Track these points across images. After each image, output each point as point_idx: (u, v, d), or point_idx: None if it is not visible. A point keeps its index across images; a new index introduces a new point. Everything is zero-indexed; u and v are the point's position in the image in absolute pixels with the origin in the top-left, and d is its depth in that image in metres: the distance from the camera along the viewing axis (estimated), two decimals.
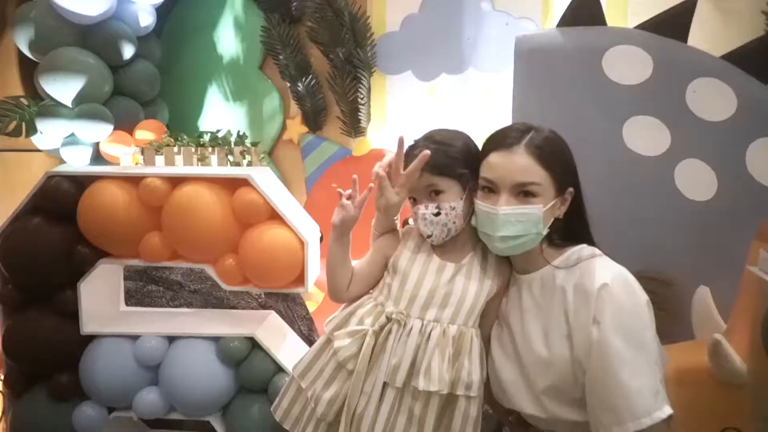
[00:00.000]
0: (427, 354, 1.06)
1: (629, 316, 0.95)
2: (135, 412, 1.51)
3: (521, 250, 1.06)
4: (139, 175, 1.47)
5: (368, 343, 1.09)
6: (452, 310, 1.09)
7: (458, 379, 1.07)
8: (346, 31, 2.32)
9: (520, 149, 1.02)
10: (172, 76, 2.60)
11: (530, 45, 1.91)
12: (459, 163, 1.09)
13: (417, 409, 1.07)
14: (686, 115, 1.79)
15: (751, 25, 1.95)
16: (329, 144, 2.50)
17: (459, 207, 1.09)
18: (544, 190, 1.02)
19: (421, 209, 1.09)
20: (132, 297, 1.81)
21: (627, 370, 0.92)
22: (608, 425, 0.93)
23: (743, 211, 1.74)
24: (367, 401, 1.08)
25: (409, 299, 1.11)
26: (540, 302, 1.06)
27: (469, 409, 1.08)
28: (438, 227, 1.09)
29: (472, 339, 1.10)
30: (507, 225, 1.01)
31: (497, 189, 1.04)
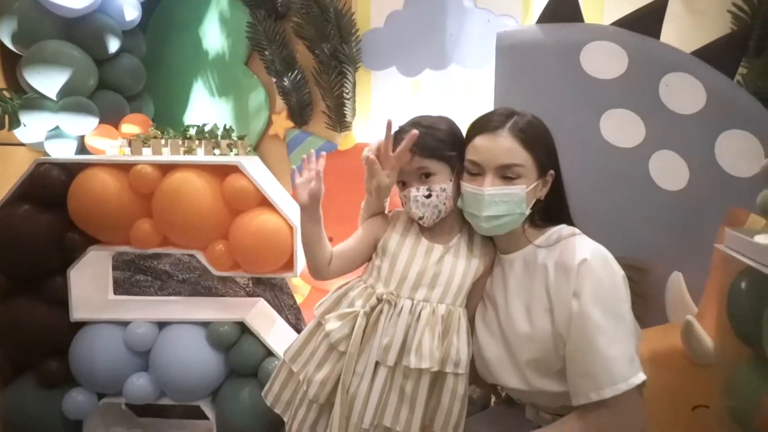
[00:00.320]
0: (417, 333, 1.09)
1: (607, 290, 1.01)
2: (125, 397, 1.52)
3: (505, 229, 1.10)
4: (129, 162, 1.48)
5: (360, 324, 1.11)
6: (441, 290, 1.13)
7: (447, 357, 1.11)
8: (331, 27, 2.35)
9: (504, 132, 1.07)
10: (158, 71, 2.61)
11: (511, 41, 1.96)
12: (447, 145, 1.13)
13: (408, 387, 1.10)
14: (659, 108, 1.86)
15: (718, 23, 2.05)
16: (315, 138, 2.53)
17: (449, 189, 1.13)
18: (527, 172, 1.07)
19: (413, 191, 1.12)
20: (120, 287, 1.81)
21: (605, 339, 0.98)
22: (587, 391, 0.98)
23: (713, 200, 1.81)
24: (359, 381, 1.11)
25: (399, 280, 1.14)
26: (522, 280, 1.11)
27: (456, 386, 1.12)
28: (429, 209, 1.12)
29: (459, 318, 1.14)
30: (492, 205, 1.06)
31: (483, 171, 1.08)
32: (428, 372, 1.10)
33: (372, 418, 1.10)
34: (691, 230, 1.85)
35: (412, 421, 1.10)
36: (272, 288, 1.95)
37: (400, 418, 1.10)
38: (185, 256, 1.86)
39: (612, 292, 1.02)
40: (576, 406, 1.01)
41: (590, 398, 0.98)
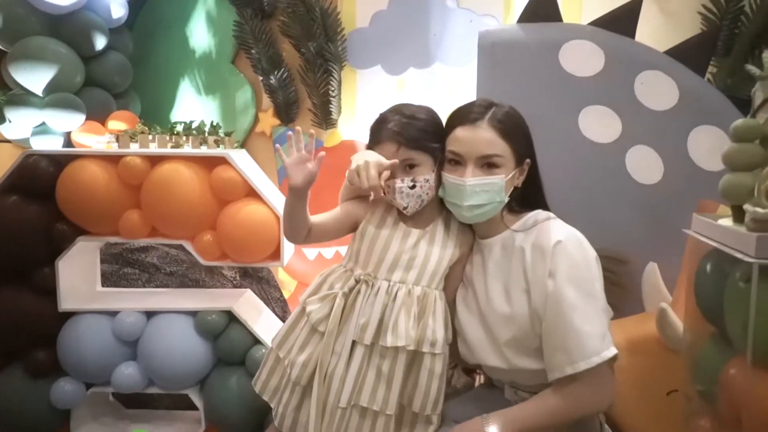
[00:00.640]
0: (393, 313, 1.13)
1: (580, 269, 1.06)
2: (114, 386, 1.54)
3: (486, 217, 1.15)
4: (118, 154, 1.50)
5: (338, 304, 1.15)
6: (416, 273, 1.16)
7: (423, 337, 1.14)
8: (317, 26, 2.40)
9: (484, 124, 1.11)
10: (145, 69, 2.63)
11: (493, 39, 2.02)
12: (430, 136, 1.16)
13: (385, 366, 1.13)
14: (635, 104, 1.92)
15: (689, 24, 2.13)
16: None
17: (431, 179, 1.16)
18: (505, 162, 1.11)
19: (398, 183, 1.14)
20: (108, 280, 1.83)
21: (578, 315, 1.03)
22: (562, 365, 1.03)
23: (686, 193, 1.87)
24: (337, 361, 1.14)
25: (377, 262, 1.17)
26: (501, 263, 1.15)
27: (434, 366, 1.14)
28: (413, 199, 1.15)
29: (435, 300, 1.17)
30: (473, 195, 1.10)
31: (464, 161, 1.12)
32: (405, 351, 1.12)
33: (349, 397, 1.12)
34: (665, 222, 1.91)
35: (389, 399, 1.13)
36: (259, 281, 1.98)
37: (377, 397, 1.13)
38: (173, 249, 1.88)
39: (585, 271, 1.07)
40: (552, 381, 1.06)
41: (565, 372, 1.02)
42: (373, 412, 1.13)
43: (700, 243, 1.22)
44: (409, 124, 1.14)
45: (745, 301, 0.94)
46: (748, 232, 0.94)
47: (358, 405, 1.13)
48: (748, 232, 0.93)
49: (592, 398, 1.05)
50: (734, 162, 1.04)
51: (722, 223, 1.08)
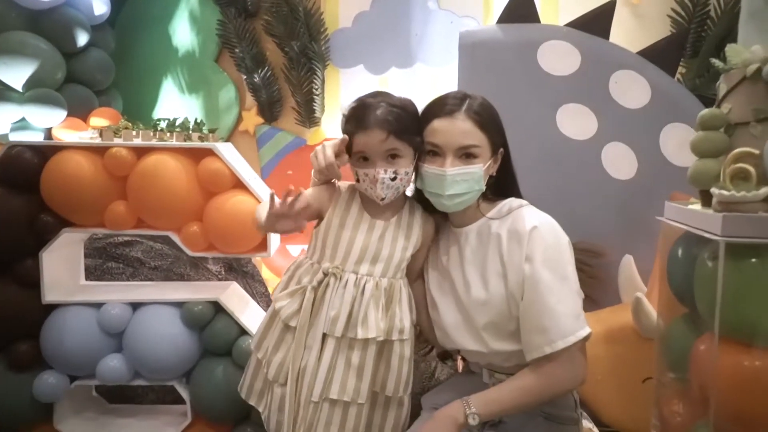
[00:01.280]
0: (363, 306, 1.14)
1: (554, 253, 1.11)
2: (99, 379, 1.53)
3: (465, 205, 1.17)
4: (104, 146, 1.51)
5: (308, 298, 1.15)
6: (383, 266, 1.18)
7: (392, 326, 1.16)
8: (300, 25, 2.43)
9: (461, 115, 1.12)
10: (127, 67, 2.62)
11: (473, 39, 2.07)
12: (415, 129, 1.15)
13: (355, 358, 1.14)
14: (610, 102, 1.99)
15: (659, 26, 2.22)
16: (284, 134, 2.59)
17: (410, 172, 1.16)
18: (482, 152, 1.14)
19: (381, 173, 1.12)
20: (91, 274, 1.81)
21: (554, 297, 1.07)
22: (540, 345, 1.07)
23: (658, 188, 1.93)
24: (309, 354, 1.14)
25: (344, 255, 1.17)
26: (477, 250, 1.18)
27: (403, 350, 1.18)
28: (391, 191, 1.14)
29: (400, 289, 1.20)
30: (454, 184, 1.12)
31: (442, 152, 1.14)
32: (375, 342, 1.14)
33: (321, 390, 1.13)
34: (639, 216, 1.97)
35: (360, 389, 1.14)
36: (244, 276, 1.99)
37: (347, 388, 1.14)
38: (157, 244, 1.88)
39: (558, 255, 1.11)
40: (529, 361, 1.10)
41: (544, 351, 1.06)
42: (344, 402, 1.14)
43: (672, 229, 1.28)
44: (399, 114, 1.12)
45: (713, 279, 1.00)
46: (713, 213, 1.00)
47: (328, 398, 1.14)
48: (715, 213, 0.99)
49: (567, 376, 1.09)
50: (701, 149, 1.10)
51: (691, 208, 1.14)
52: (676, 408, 1.28)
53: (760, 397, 0.96)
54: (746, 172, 0.99)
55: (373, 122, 1.10)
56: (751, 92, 1.03)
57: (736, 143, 1.05)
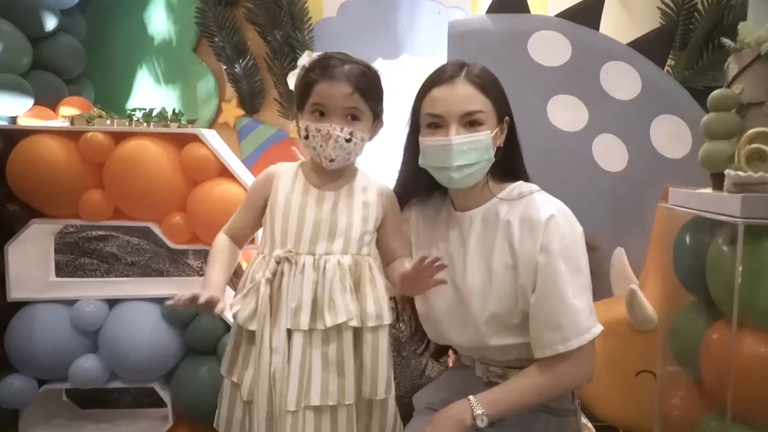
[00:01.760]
0: (326, 289, 1.00)
1: (571, 244, 1.04)
2: (71, 382, 1.42)
3: (475, 179, 1.08)
4: (79, 130, 1.40)
5: (263, 293, 1.00)
6: (343, 240, 1.04)
7: (365, 310, 1.02)
8: (284, 14, 2.35)
9: (461, 80, 1.05)
10: (99, 54, 2.49)
11: (462, 29, 2.03)
12: (379, 96, 1.07)
13: (331, 352, 1.00)
14: (601, 94, 1.98)
15: (649, 18, 2.22)
16: (266, 127, 2.50)
17: (366, 140, 1.07)
18: (488, 118, 1.05)
19: (336, 130, 1.01)
20: (62, 270, 1.70)
21: (571, 291, 1.01)
22: (553, 343, 1.00)
23: (649, 180, 1.93)
24: (276, 357, 0.98)
25: (295, 237, 1.03)
26: (483, 237, 1.10)
27: (377, 342, 1.03)
28: (343, 153, 1.03)
29: (370, 267, 1.06)
30: (461, 154, 1.03)
31: (445, 122, 1.05)
32: (349, 329, 1.01)
33: (297, 398, 0.98)
34: (630, 209, 1.96)
35: (345, 388, 1.00)
36: None
37: (330, 390, 1.00)
38: (134, 238, 1.78)
39: (574, 246, 1.05)
40: (538, 358, 1.03)
41: (557, 350, 0.99)
42: (330, 408, 1.01)
43: (676, 216, 1.26)
44: (368, 75, 1.04)
45: (729, 264, 0.97)
46: (731, 195, 0.97)
47: (310, 405, 0.99)
48: (733, 195, 0.96)
49: (578, 374, 1.04)
50: (713, 131, 1.08)
51: (702, 191, 1.12)
52: (684, 400, 1.25)
53: None
54: (762, 152, 0.97)
55: (340, 74, 1.01)
56: (765, 71, 1.01)
57: (749, 124, 1.03)
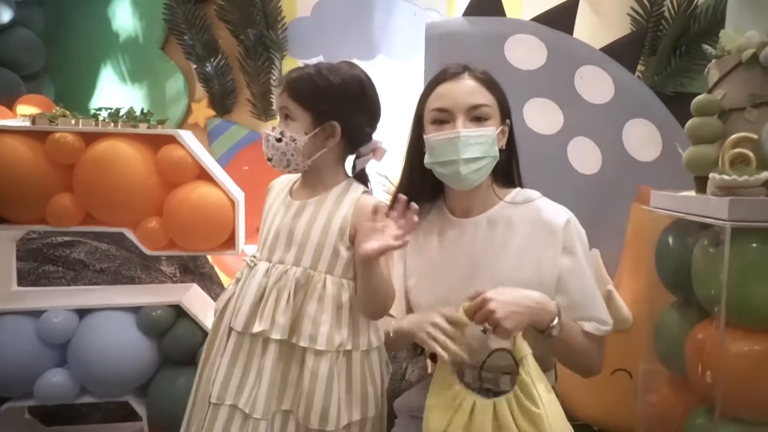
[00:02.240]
0: (269, 296, 0.99)
1: (587, 246, 1.13)
2: (37, 398, 1.33)
3: (480, 176, 1.06)
4: (47, 130, 1.32)
5: (230, 290, 1.06)
6: (296, 251, 1.01)
7: (299, 328, 0.98)
8: (257, 12, 2.30)
9: (466, 76, 1.07)
10: (59, 50, 2.39)
11: (440, 31, 2.03)
12: (323, 98, 1.02)
13: (255, 360, 0.99)
14: (575, 98, 2.01)
15: (620, 24, 2.28)
16: (238, 128, 2.44)
17: (300, 142, 1.02)
18: (493, 113, 1.07)
19: (268, 129, 1.05)
20: (24, 279, 1.60)
21: (596, 287, 1.12)
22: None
23: (622, 183, 1.98)
24: (216, 350, 1.03)
25: (262, 244, 1.06)
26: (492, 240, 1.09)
27: (317, 367, 0.97)
28: (277, 153, 1.03)
29: (324, 285, 1.00)
30: (468, 147, 1.03)
31: (452, 116, 1.05)
32: (275, 342, 0.98)
33: (218, 391, 0.99)
34: (604, 210, 1.99)
35: (257, 399, 0.97)
36: (201, 278, 1.83)
37: (243, 395, 0.98)
38: (103, 244, 1.69)
39: (587, 248, 1.13)
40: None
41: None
42: (243, 413, 0.98)
43: (657, 219, 1.28)
44: (309, 77, 1.02)
45: (715, 266, 0.99)
46: (717, 198, 0.99)
47: (226, 404, 0.98)
48: (720, 197, 0.98)
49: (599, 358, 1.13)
50: (697, 135, 1.10)
51: (686, 195, 1.14)
52: (665, 398, 1.28)
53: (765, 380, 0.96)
54: (746, 156, 0.99)
55: (284, 78, 1.06)
56: (746, 78, 1.03)
57: (731, 129, 1.05)
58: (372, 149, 1.09)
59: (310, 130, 1.03)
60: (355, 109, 1.05)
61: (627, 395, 1.60)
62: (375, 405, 1.05)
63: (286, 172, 1.08)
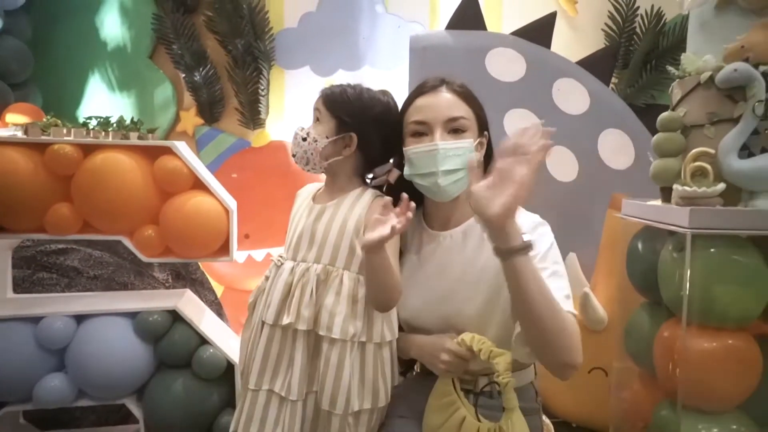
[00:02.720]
0: (294, 292, 1.09)
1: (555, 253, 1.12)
2: (36, 402, 1.36)
3: (459, 188, 1.08)
4: (43, 141, 1.36)
5: (260, 287, 1.17)
6: (317, 250, 1.11)
7: (319, 318, 1.08)
8: (245, 23, 2.34)
9: (444, 90, 1.10)
10: (47, 59, 2.40)
11: (424, 43, 2.11)
12: (348, 110, 1.12)
13: (287, 348, 1.09)
14: (553, 108, 2.10)
15: (595, 39, 2.39)
16: (226, 136, 2.48)
17: (321, 143, 1.11)
18: (470, 125, 1.09)
19: (298, 129, 1.15)
20: (18, 287, 1.61)
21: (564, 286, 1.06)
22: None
23: (597, 190, 2.08)
24: (251, 338, 1.14)
25: (288, 245, 1.17)
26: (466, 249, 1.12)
27: (330, 354, 1.06)
28: (300, 151, 1.13)
29: (341, 280, 1.09)
30: (447, 159, 1.05)
31: (430, 128, 1.07)
32: (303, 333, 1.08)
33: (256, 378, 1.10)
34: (581, 216, 2.09)
35: (291, 384, 1.07)
36: (193, 283, 1.87)
37: (278, 381, 1.09)
38: (96, 251, 1.72)
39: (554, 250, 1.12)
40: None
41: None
42: (280, 397, 1.08)
43: (628, 225, 1.37)
44: (344, 89, 1.14)
45: (678, 269, 1.08)
46: (680, 207, 1.08)
47: (263, 389, 1.09)
48: (682, 207, 1.07)
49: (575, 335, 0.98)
50: (662, 149, 1.19)
51: (653, 204, 1.23)
52: (636, 394, 1.37)
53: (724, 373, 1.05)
54: (704, 169, 1.08)
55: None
56: (704, 97, 1.13)
57: (692, 144, 1.15)
58: (387, 170, 1.18)
59: (332, 135, 1.13)
60: (374, 129, 1.14)
61: (603, 392, 1.68)
62: (385, 396, 1.12)
63: (305, 170, 1.17)
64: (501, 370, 0.97)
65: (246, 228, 2.47)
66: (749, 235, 1.06)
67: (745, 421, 1.08)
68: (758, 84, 1.03)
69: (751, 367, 1.06)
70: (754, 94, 1.03)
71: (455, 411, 1.04)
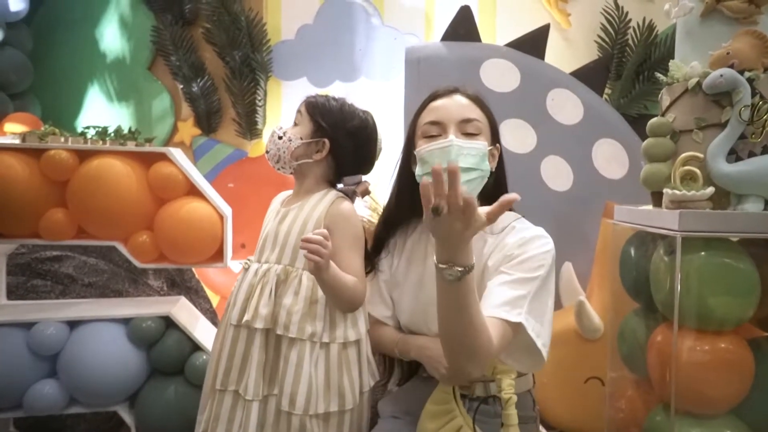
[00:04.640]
0: (255, 292, 1.12)
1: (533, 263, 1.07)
2: (26, 409, 1.35)
3: (471, 189, 1.02)
4: (40, 147, 1.37)
5: (233, 289, 1.18)
6: (278, 251, 1.14)
7: (277, 317, 1.09)
8: (243, 35, 2.37)
9: (458, 94, 1.11)
10: (46, 70, 2.43)
11: (419, 54, 2.14)
12: (327, 116, 1.16)
13: (246, 346, 1.10)
14: (547, 119, 2.12)
15: (588, 50, 2.42)
16: (223, 146, 2.50)
17: (294, 143, 1.16)
18: (484, 129, 1.08)
19: (276, 128, 1.19)
20: (12, 294, 1.62)
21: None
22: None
23: (592, 199, 2.08)
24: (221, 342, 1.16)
25: (257, 248, 1.20)
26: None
27: (289, 353, 1.08)
28: (274, 148, 1.17)
29: (300, 280, 1.11)
30: (460, 156, 1.01)
31: (443, 128, 1.05)
32: (261, 331, 1.09)
33: (221, 378, 1.11)
34: (576, 225, 2.09)
35: (247, 382, 1.08)
36: (188, 291, 1.87)
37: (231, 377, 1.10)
38: (91, 258, 1.72)
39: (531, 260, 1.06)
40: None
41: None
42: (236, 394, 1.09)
43: (620, 231, 1.38)
44: (327, 98, 1.20)
45: (669, 273, 1.09)
46: (669, 211, 1.09)
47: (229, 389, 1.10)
48: (672, 210, 1.08)
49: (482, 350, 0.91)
50: (651, 154, 1.21)
51: (644, 208, 1.24)
52: (630, 401, 1.36)
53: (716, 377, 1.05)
54: (693, 173, 1.10)
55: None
56: (692, 103, 1.15)
57: (681, 148, 1.16)
58: (356, 182, 1.21)
59: (307, 137, 1.17)
60: (348, 140, 1.18)
61: (600, 402, 1.67)
62: (353, 398, 1.11)
63: (275, 168, 1.20)
64: (504, 386, 0.98)
65: (242, 237, 2.47)
66: (739, 237, 1.06)
67: (738, 425, 1.07)
68: (744, 89, 1.05)
69: (744, 371, 1.05)
70: (740, 99, 1.05)
71: (452, 419, 1.03)
